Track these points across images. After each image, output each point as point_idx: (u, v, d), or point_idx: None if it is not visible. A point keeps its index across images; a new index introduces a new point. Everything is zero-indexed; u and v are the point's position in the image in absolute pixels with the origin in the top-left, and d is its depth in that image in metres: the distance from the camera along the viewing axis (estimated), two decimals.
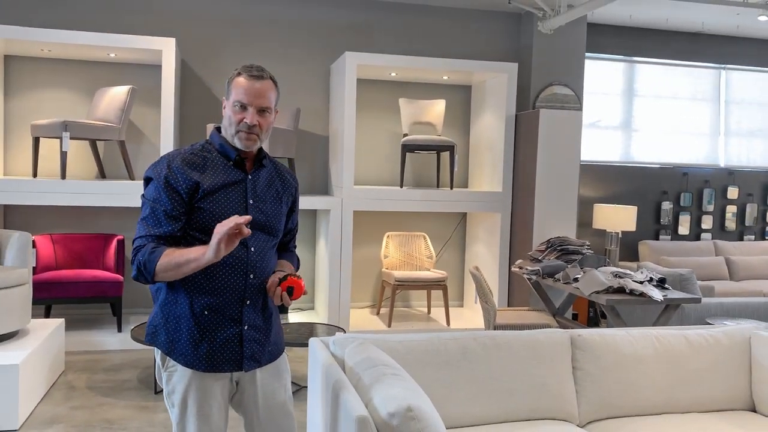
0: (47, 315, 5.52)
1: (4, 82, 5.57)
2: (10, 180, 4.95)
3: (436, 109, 6.00)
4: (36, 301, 4.99)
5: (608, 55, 7.03)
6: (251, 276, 1.98)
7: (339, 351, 2.50)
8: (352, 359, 2.34)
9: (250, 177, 2.03)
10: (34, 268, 5.21)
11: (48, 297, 5.03)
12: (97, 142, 5.66)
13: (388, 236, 6.08)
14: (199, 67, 5.88)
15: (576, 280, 4.43)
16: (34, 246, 5.22)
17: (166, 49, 5.14)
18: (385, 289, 6.05)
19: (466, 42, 6.39)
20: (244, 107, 1.95)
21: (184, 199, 1.92)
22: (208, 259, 1.79)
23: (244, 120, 1.94)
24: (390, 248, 6.05)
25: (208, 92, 5.89)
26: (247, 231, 1.76)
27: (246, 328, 2.00)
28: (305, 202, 5.43)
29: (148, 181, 1.97)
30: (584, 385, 2.71)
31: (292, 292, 1.96)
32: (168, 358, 1.99)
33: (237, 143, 1.98)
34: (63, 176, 5.11)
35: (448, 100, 6.39)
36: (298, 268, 2.28)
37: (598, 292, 4.11)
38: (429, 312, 6.24)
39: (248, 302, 2.00)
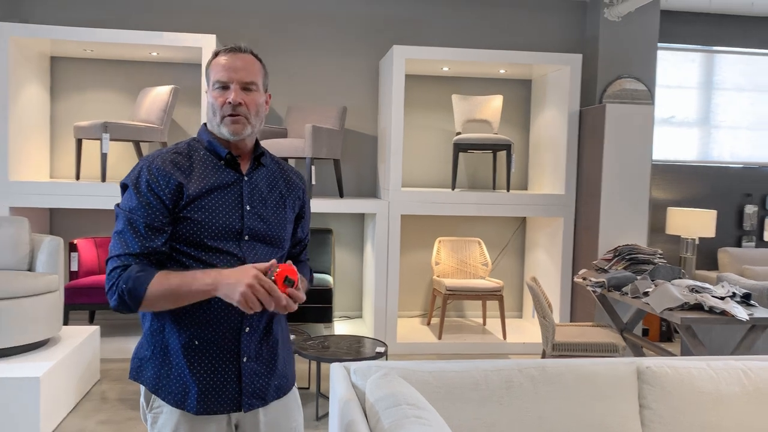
0: (91, 320, 5.44)
1: (51, 84, 5.52)
2: (54, 183, 4.87)
3: (493, 106, 5.59)
4: (78, 306, 4.89)
5: (684, 45, 6.43)
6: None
7: (360, 382, 2.17)
8: (374, 394, 2.00)
9: (246, 178, 1.71)
10: (76, 272, 5.12)
11: (90, 302, 4.91)
12: (141, 143, 5.53)
13: (439, 242, 5.70)
14: None
15: (646, 294, 3.95)
16: (76, 250, 5.13)
17: (206, 47, 4.94)
18: (436, 299, 5.68)
19: (524, 33, 5.94)
20: (225, 87, 1.66)
21: (167, 207, 1.60)
22: (221, 295, 1.53)
23: (227, 100, 1.64)
24: (441, 254, 5.68)
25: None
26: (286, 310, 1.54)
27: (245, 360, 1.67)
28: (351, 206, 5.13)
29: (124, 189, 1.66)
30: (653, 427, 2.28)
31: (293, 282, 1.54)
32: (154, 396, 1.68)
33: (224, 132, 1.67)
34: (103, 179, 4.98)
35: (505, 95, 5.96)
36: (311, 281, 1.95)
37: (671, 309, 3.63)
38: (484, 323, 5.83)
39: (247, 329, 1.67)
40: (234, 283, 1.49)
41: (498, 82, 6.02)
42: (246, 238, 1.67)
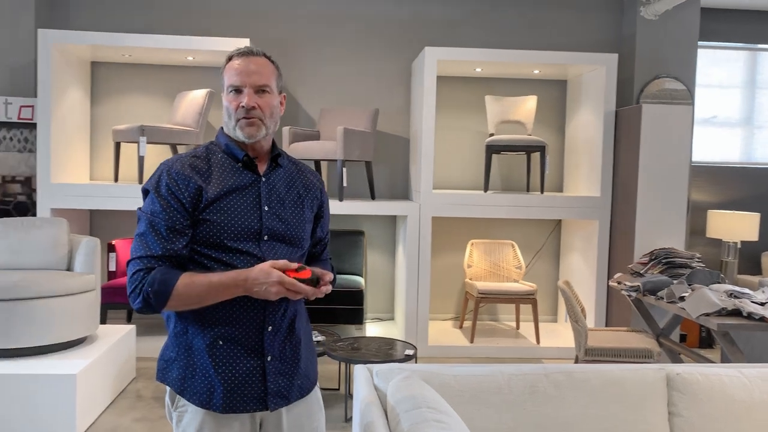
0: (129, 319, 5.55)
1: (92, 89, 5.66)
2: (94, 185, 5.00)
3: (527, 107, 5.53)
4: (116, 306, 5.00)
5: (725, 43, 6.26)
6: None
7: (382, 384, 2.16)
8: (394, 396, 2.00)
9: (264, 179, 1.74)
10: (114, 272, 5.23)
11: (127, 301, 5.00)
12: (177, 146, 5.62)
13: (472, 244, 5.67)
14: None
15: (682, 299, 3.85)
16: (114, 250, 5.25)
17: None
18: (468, 302, 5.64)
19: (559, 32, 5.86)
20: (238, 90, 1.69)
21: (187, 209, 1.64)
22: (253, 294, 1.62)
23: (241, 104, 1.67)
24: (474, 257, 5.64)
25: (285, 92, 5.72)
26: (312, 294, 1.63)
27: (269, 359, 1.70)
28: (383, 207, 5.14)
29: (146, 194, 1.70)
30: None
31: (304, 266, 1.64)
32: (179, 396, 1.71)
33: (239, 135, 1.70)
34: (141, 181, 5.09)
35: (540, 96, 5.89)
36: (334, 280, 1.96)
37: (708, 315, 3.53)
38: (518, 327, 5.76)
39: (270, 328, 1.70)
40: (264, 294, 1.59)
41: (532, 82, 5.95)
42: (265, 238, 1.70)
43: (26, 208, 5.30)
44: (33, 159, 5.28)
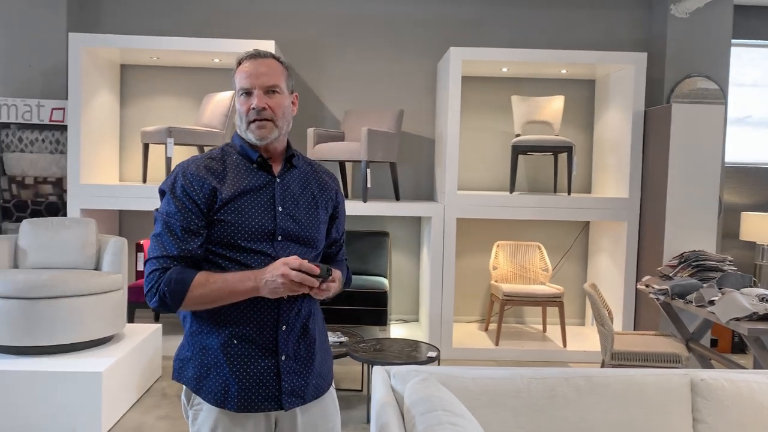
0: (156, 318, 5.63)
1: (121, 91, 5.75)
2: (122, 186, 5.08)
3: (553, 107, 5.46)
4: (144, 305, 5.06)
5: (761, 41, 6.10)
6: (285, 297, 1.69)
7: (399, 386, 2.15)
8: (411, 398, 1.98)
9: (278, 180, 1.74)
10: (142, 272, 5.30)
11: None
12: (204, 147, 5.68)
13: (497, 246, 5.61)
14: (301, 69, 5.75)
15: (712, 303, 3.76)
16: (142, 250, 5.32)
17: None
18: (494, 304, 5.59)
19: (587, 31, 5.78)
20: (248, 93, 1.70)
21: (202, 210, 1.66)
22: (260, 293, 1.62)
23: (251, 106, 1.68)
24: (500, 259, 5.58)
25: (310, 93, 5.75)
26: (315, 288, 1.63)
27: (283, 358, 1.70)
28: (407, 209, 5.12)
29: (162, 194, 1.72)
30: None
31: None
32: (194, 395, 1.73)
33: (251, 138, 1.71)
34: None
35: (567, 96, 5.80)
36: (348, 280, 1.96)
37: (738, 319, 3.44)
38: (544, 330, 5.69)
39: (284, 328, 1.71)
40: (271, 282, 1.57)
41: (559, 82, 5.87)
42: (279, 238, 1.71)
43: (57, 208, 5.40)
44: (64, 160, 5.38)
